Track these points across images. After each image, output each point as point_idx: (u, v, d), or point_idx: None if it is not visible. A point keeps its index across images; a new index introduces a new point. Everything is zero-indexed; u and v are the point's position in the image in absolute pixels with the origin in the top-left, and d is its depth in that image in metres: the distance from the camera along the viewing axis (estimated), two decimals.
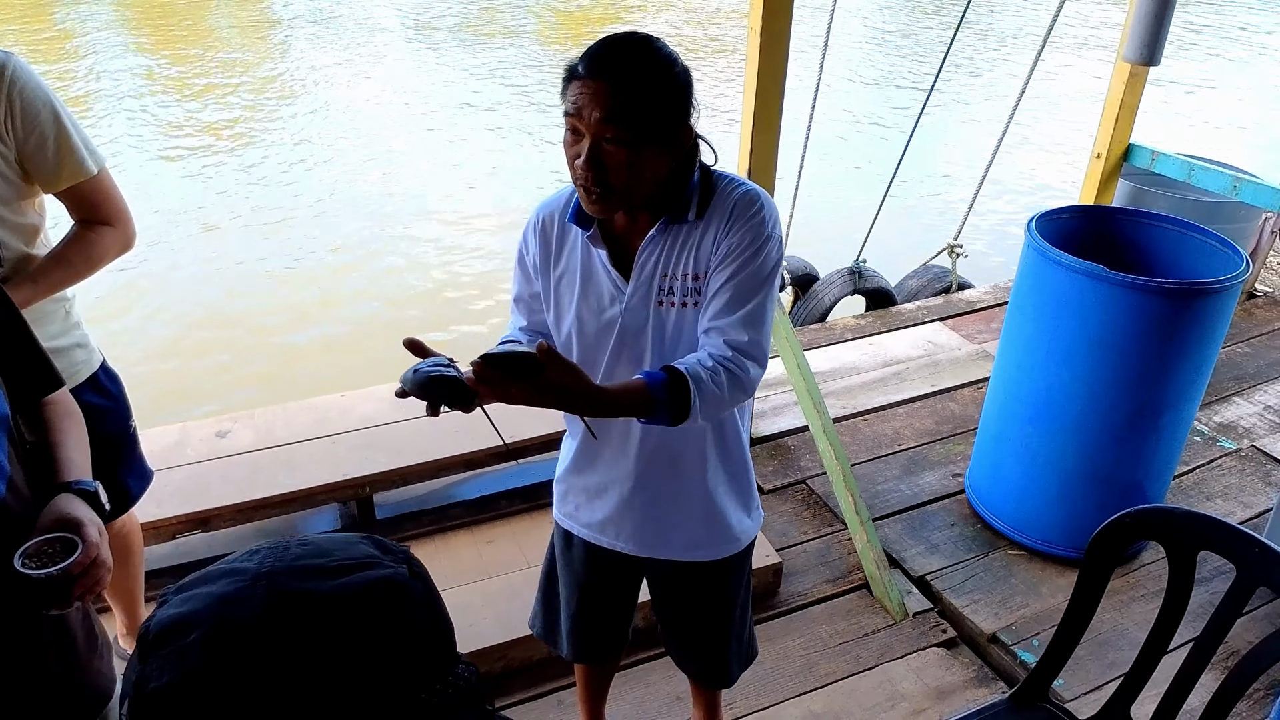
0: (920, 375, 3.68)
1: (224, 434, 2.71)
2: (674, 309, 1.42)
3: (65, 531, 1.10)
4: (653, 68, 1.28)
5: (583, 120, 1.27)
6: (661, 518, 1.60)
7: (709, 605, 1.74)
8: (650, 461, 1.54)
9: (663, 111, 1.29)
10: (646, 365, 1.45)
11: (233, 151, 7.58)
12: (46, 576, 1.05)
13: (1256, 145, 8.16)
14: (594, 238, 1.41)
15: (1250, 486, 3.09)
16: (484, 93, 9.27)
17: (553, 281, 1.49)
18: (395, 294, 5.56)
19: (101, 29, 11.23)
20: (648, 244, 1.41)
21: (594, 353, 1.47)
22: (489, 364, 1.14)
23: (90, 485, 1.18)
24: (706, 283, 1.40)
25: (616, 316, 1.44)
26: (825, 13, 4.02)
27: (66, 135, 1.64)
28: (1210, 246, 2.60)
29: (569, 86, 1.29)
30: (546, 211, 1.49)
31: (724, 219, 1.39)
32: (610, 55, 1.27)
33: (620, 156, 1.27)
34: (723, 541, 1.64)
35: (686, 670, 1.90)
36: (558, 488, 1.71)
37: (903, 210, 5.72)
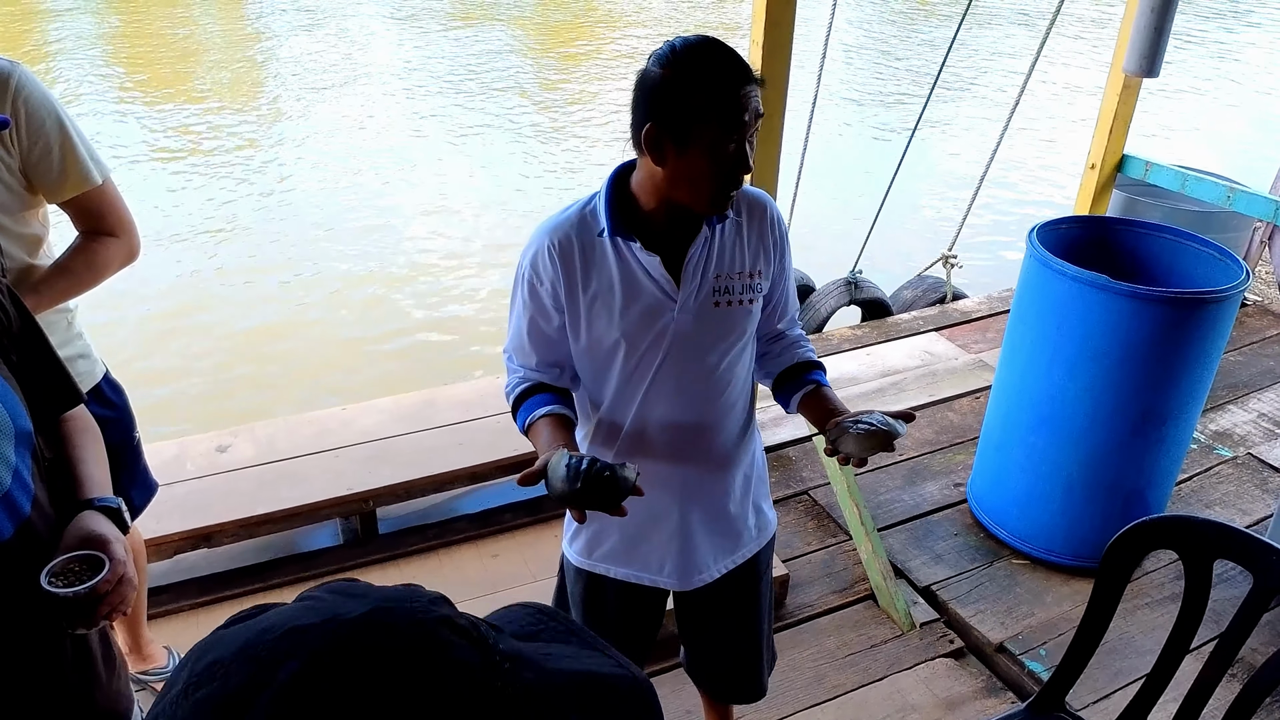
0: (918, 385, 3.69)
1: (224, 448, 2.68)
2: (732, 308, 1.45)
3: (91, 549, 1.08)
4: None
5: (750, 124, 1.30)
6: (710, 526, 1.59)
7: (742, 612, 1.73)
8: (690, 471, 1.54)
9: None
10: (706, 366, 1.47)
11: (224, 163, 7.54)
12: (74, 595, 1.03)
13: (1209, 146, 8.27)
14: (645, 246, 1.39)
15: (1248, 494, 3.11)
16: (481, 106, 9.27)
17: (584, 304, 1.42)
18: (396, 302, 5.53)
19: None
20: (700, 245, 1.41)
21: (644, 365, 1.44)
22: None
23: (114, 502, 1.17)
24: (763, 283, 1.48)
25: (669, 323, 1.42)
26: (823, 27, 4.05)
27: (72, 145, 1.62)
28: (1208, 256, 2.62)
29: (718, 100, 1.27)
30: (559, 234, 1.40)
31: (759, 220, 1.48)
32: (735, 57, 1.30)
33: (753, 149, 1.34)
34: (757, 534, 1.67)
35: (717, 691, 1.87)
36: (586, 531, 1.59)
37: (897, 222, 5.74)
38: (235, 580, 2.49)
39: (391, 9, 12.67)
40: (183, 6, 13.01)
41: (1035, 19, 12.65)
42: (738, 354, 1.50)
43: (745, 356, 1.53)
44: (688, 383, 1.46)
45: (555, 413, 1.43)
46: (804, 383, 1.56)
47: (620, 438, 1.50)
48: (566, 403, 1.47)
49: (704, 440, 1.52)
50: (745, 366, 1.54)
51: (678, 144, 1.29)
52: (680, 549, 1.57)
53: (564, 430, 1.41)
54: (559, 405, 1.45)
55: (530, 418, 1.44)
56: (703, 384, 1.48)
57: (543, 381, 1.48)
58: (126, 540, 1.15)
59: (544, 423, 1.42)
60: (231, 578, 2.50)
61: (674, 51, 1.29)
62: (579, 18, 13.49)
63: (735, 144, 1.30)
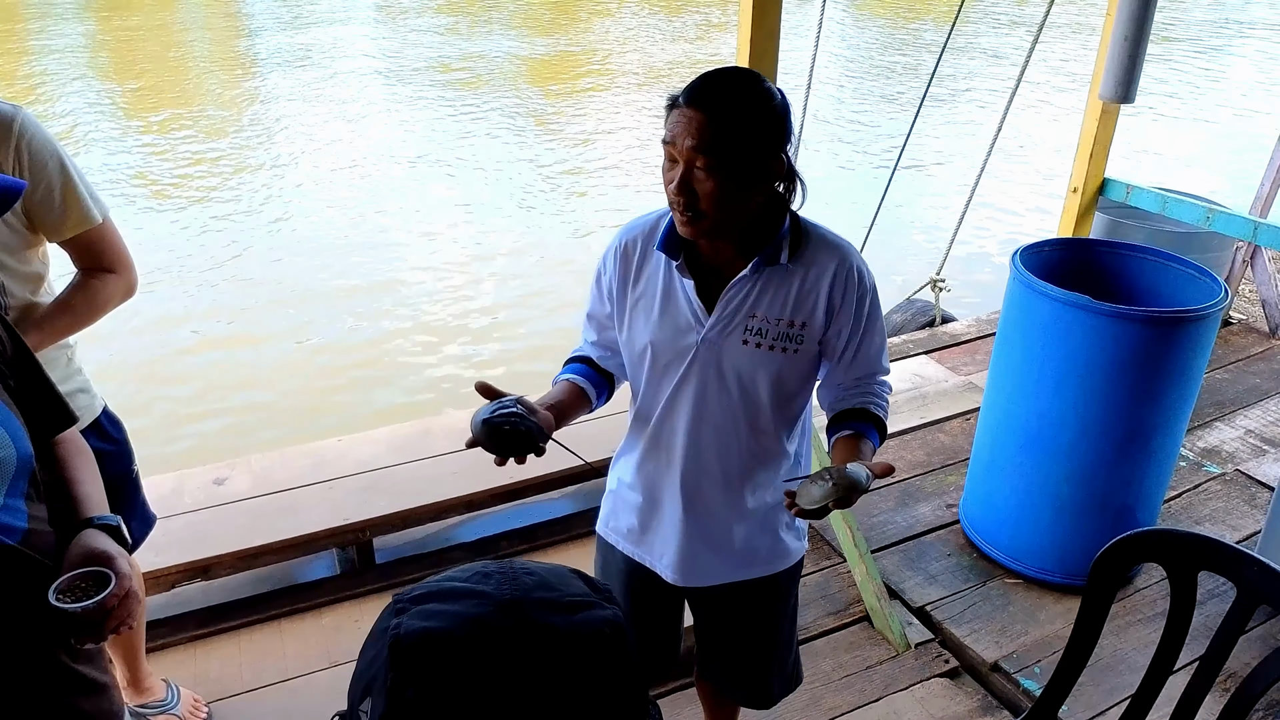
0: (909, 408, 3.72)
1: (221, 481, 2.70)
2: (761, 350, 1.45)
3: (95, 566, 1.11)
4: (748, 101, 1.32)
5: (677, 148, 1.32)
6: (709, 540, 1.61)
7: (753, 624, 1.74)
8: (696, 479, 1.57)
9: (753, 143, 1.32)
10: (729, 397, 1.49)
11: (210, 198, 7.60)
12: (83, 610, 1.06)
13: (1215, 166, 8.39)
14: (681, 268, 1.45)
15: (1237, 509, 3.14)
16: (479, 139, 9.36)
17: (629, 302, 1.52)
18: (391, 333, 5.57)
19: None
20: (738, 282, 1.43)
21: (666, 375, 1.51)
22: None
23: (113, 520, 1.20)
24: (810, 334, 1.45)
25: (693, 345, 1.47)
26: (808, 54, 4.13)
27: (73, 186, 1.66)
28: (1188, 275, 2.67)
29: (669, 115, 1.34)
30: (630, 235, 1.53)
31: (822, 271, 1.44)
32: (708, 88, 1.31)
33: (709, 184, 1.31)
34: (769, 558, 1.66)
35: (723, 687, 1.88)
36: (608, 499, 1.73)
37: (885, 246, 5.81)
38: (233, 612, 2.50)
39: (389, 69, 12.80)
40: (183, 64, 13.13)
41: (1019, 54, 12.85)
42: (767, 396, 1.49)
43: (778, 400, 1.50)
44: (709, 406, 1.50)
45: (573, 380, 1.57)
46: (845, 428, 1.52)
47: (645, 433, 1.58)
48: (595, 377, 1.59)
49: (717, 464, 1.55)
50: (776, 410, 1.52)
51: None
52: (678, 549, 1.62)
53: (567, 394, 1.53)
54: (583, 377, 1.58)
55: (558, 376, 1.59)
56: (724, 412, 1.50)
57: (589, 357, 1.62)
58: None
59: (560, 384, 1.56)
60: (229, 610, 2.51)
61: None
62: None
63: (668, 161, 1.35)
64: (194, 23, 14.23)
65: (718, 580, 1.65)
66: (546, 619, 0.62)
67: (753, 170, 1.34)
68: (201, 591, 2.54)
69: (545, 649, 0.60)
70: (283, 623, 2.48)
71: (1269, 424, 3.65)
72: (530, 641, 0.60)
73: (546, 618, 0.62)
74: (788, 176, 1.42)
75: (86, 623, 1.09)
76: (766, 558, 1.66)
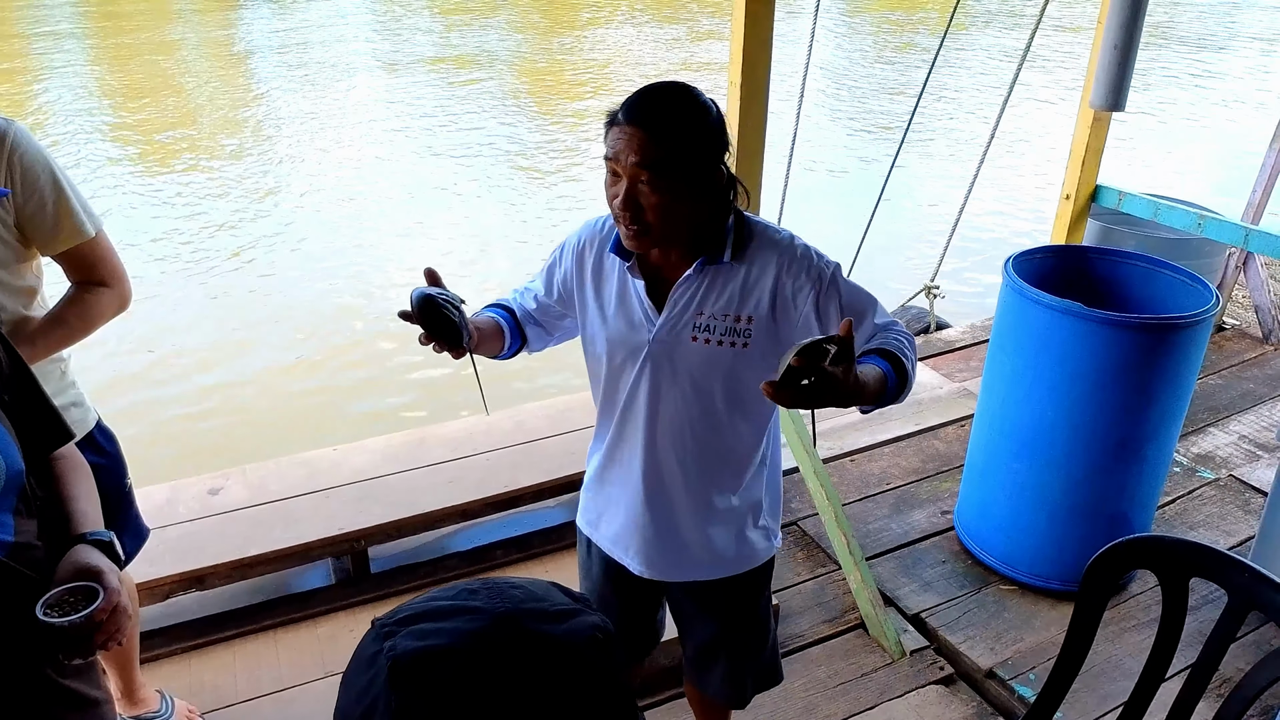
0: (904, 414, 3.73)
1: (216, 491, 2.70)
2: (710, 346, 1.48)
3: (84, 580, 1.11)
4: (686, 116, 1.35)
5: (620, 164, 1.34)
6: (671, 536, 1.63)
7: (723, 623, 1.77)
8: (657, 475, 1.59)
9: (694, 157, 1.35)
10: (682, 394, 1.52)
11: (202, 202, 7.60)
12: (70, 624, 1.06)
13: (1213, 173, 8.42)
14: (633, 269, 1.50)
15: (1231, 515, 3.15)
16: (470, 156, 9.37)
17: (586, 303, 1.58)
18: (382, 343, 5.56)
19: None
20: (684, 282, 1.48)
21: (623, 373, 1.55)
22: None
23: (105, 536, 1.20)
24: (772, 332, 1.46)
25: (644, 344, 1.51)
26: (801, 65, 4.14)
27: (65, 199, 1.66)
28: (1180, 282, 2.68)
29: (609, 132, 1.37)
30: (587, 236, 1.58)
31: (771, 273, 1.44)
32: (646, 104, 1.34)
33: (654, 198, 1.35)
34: (736, 559, 1.67)
35: (699, 683, 1.89)
36: (585, 494, 1.77)
37: (879, 253, 5.82)
38: (228, 622, 2.50)
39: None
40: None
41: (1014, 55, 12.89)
42: (721, 392, 1.51)
43: (733, 396, 1.53)
44: (664, 404, 1.54)
45: (494, 317, 1.61)
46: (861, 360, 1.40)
47: (610, 428, 1.62)
48: (513, 326, 1.63)
49: (675, 462, 1.58)
50: (732, 406, 1.54)
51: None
52: (642, 542, 1.65)
53: (487, 324, 1.57)
54: (503, 319, 1.61)
55: (479, 312, 1.62)
56: (680, 409, 1.54)
57: (511, 308, 1.66)
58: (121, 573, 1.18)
59: (483, 317, 1.60)
60: (224, 620, 2.51)
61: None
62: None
63: (611, 176, 1.38)
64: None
65: (684, 577, 1.69)
66: (541, 628, 0.63)
67: (694, 182, 1.37)
68: (196, 602, 2.53)
69: (544, 657, 0.62)
70: (277, 633, 2.48)
71: (1262, 429, 3.66)
72: (529, 650, 0.61)
73: (541, 627, 0.63)
74: (727, 185, 1.45)
75: (74, 637, 1.08)
76: (733, 559, 1.67)
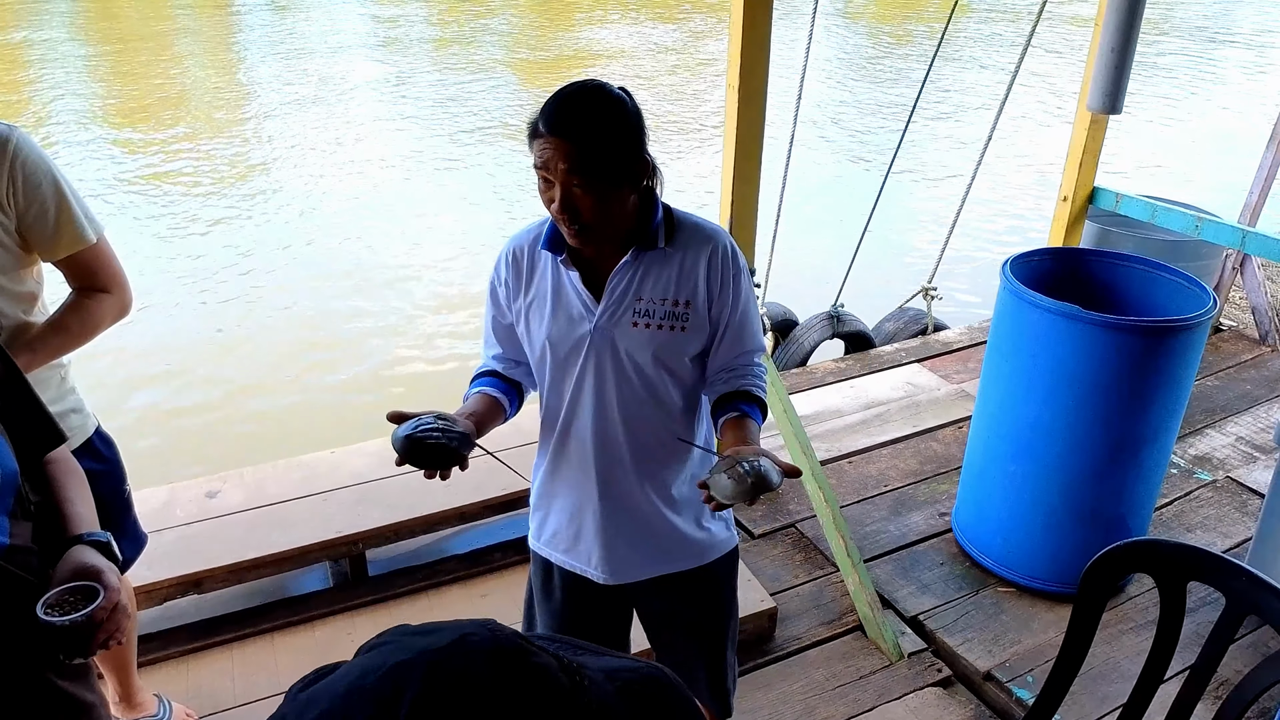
0: (901, 416, 3.73)
1: (213, 494, 2.70)
2: (650, 330, 1.52)
3: (83, 580, 1.12)
4: (606, 118, 1.39)
5: (550, 172, 1.38)
6: (631, 530, 1.64)
7: (693, 619, 1.76)
8: (609, 468, 1.60)
9: (619, 153, 1.40)
10: (628, 382, 1.54)
11: (204, 200, 7.59)
12: (70, 624, 1.07)
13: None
14: (566, 261, 1.52)
15: (1228, 517, 3.16)
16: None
17: (524, 307, 1.59)
18: (379, 347, 5.56)
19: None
20: (620, 270, 1.51)
21: (566, 369, 1.57)
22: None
23: (103, 536, 1.21)
24: (694, 314, 1.52)
25: (587, 334, 1.53)
26: (799, 68, 4.15)
27: (67, 205, 1.66)
28: (1177, 284, 2.69)
29: (534, 142, 1.40)
30: (517, 244, 1.60)
31: (698, 253, 1.52)
32: (565, 112, 1.37)
33: (589, 199, 1.40)
34: (696, 549, 1.68)
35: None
36: (535, 515, 1.75)
37: (878, 255, 5.83)
38: (225, 626, 2.50)
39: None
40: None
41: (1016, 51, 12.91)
42: (666, 375, 1.55)
43: (678, 379, 1.57)
44: (608, 394, 1.56)
45: (485, 391, 1.61)
46: (727, 410, 1.55)
47: (555, 432, 1.63)
48: (505, 387, 1.64)
49: (627, 452, 1.59)
50: (679, 389, 1.58)
51: None
52: (603, 546, 1.65)
53: (483, 405, 1.58)
54: (494, 388, 1.62)
55: (468, 393, 1.63)
56: (624, 399, 1.56)
57: (495, 370, 1.66)
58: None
59: (473, 398, 1.60)
60: (221, 623, 2.51)
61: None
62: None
63: (543, 183, 1.42)
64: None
65: (646, 574, 1.68)
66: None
67: (623, 177, 1.42)
68: (193, 605, 2.53)
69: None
70: (275, 636, 2.47)
71: (1259, 430, 3.67)
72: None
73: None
74: (652, 171, 1.50)
75: (75, 637, 1.09)
76: (693, 549, 1.68)
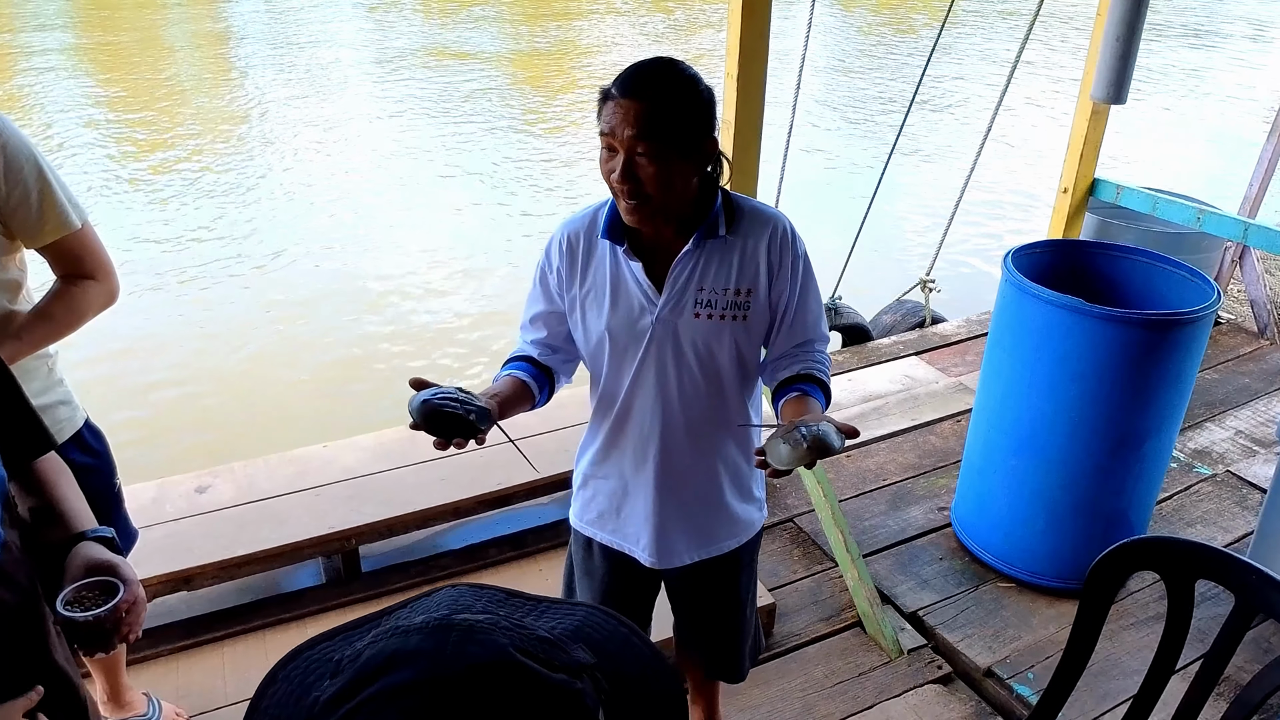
0: (900, 410, 3.71)
1: (204, 489, 2.66)
2: (713, 320, 1.51)
3: (99, 575, 1.11)
4: (678, 87, 1.39)
5: (617, 138, 1.37)
6: (685, 514, 1.67)
7: (722, 599, 1.82)
8: (669, 455, 1.61)
9: (688, 126, 1.39)
10: (688, 370, 1.54)
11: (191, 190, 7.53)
12: (95, 618, 1.06)
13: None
14: (628, 252, 1.50)
15: (1229, 511, 3.14)
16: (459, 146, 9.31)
17: (580, 296, 1.56)
18: (375, 341, 5.52)
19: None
20: (683, 258, 1.50)
21: (628, 359, 1.56)
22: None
23: (106, 532, 1.20)
24: (755, 301, 1.51)
25: (649, 326, 1.52)
26: (797, 57, 4.11)
27: (50, 190, 1.62)
28: (1180, 277, 2.66)
29: (604, 107, 1.40)
30: (572, 230, 1.57)
31: (757, 239, 1.51)
32: (640, 77, 1.38)
33: (651, 169, 1.38)
34: (734, 529, 1.73)
35: (701, 662, 1.97)
36: (581, 493, 1.76)
37: (875, 247, 5.80)
38: (216, 623, 2.46)
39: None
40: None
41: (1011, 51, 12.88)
42: (726, 363, 1.55)
43: (736, 367, 1.57)
44: (669, 383, 1.56)
45: (516, 375, 1.58)
46: (790, 391, 1.55)
47: (611, 417, 1.62)
48: (537, 373, 1.60)
49: (683, 439, 1.60)
50: (737, 376, 1.58)
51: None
52: (654, 530, 1.67)
53: (510, 389, 1.55)
54: (525, 372, 1.59)
55: (498, 375, 1.61)
56: (684, 387, 1.56)
57: (530, 355, 1.63)
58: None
59: (502, 380, 1.58)
60: (212, 620, 2.47)
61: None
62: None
63: (607, 151, 1.40)
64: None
65: (689, 559, 1.71)
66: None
67: (689, 152, 1.41)
68: (184, 602, 2.49)
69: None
70: (267, 633, 2.44)
71: (1259, 424, 3.65)
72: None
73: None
74: (718, 158, 1.50)
75: (97, 631, 1.08)
76: (737, 527, 1.73)
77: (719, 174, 1.53)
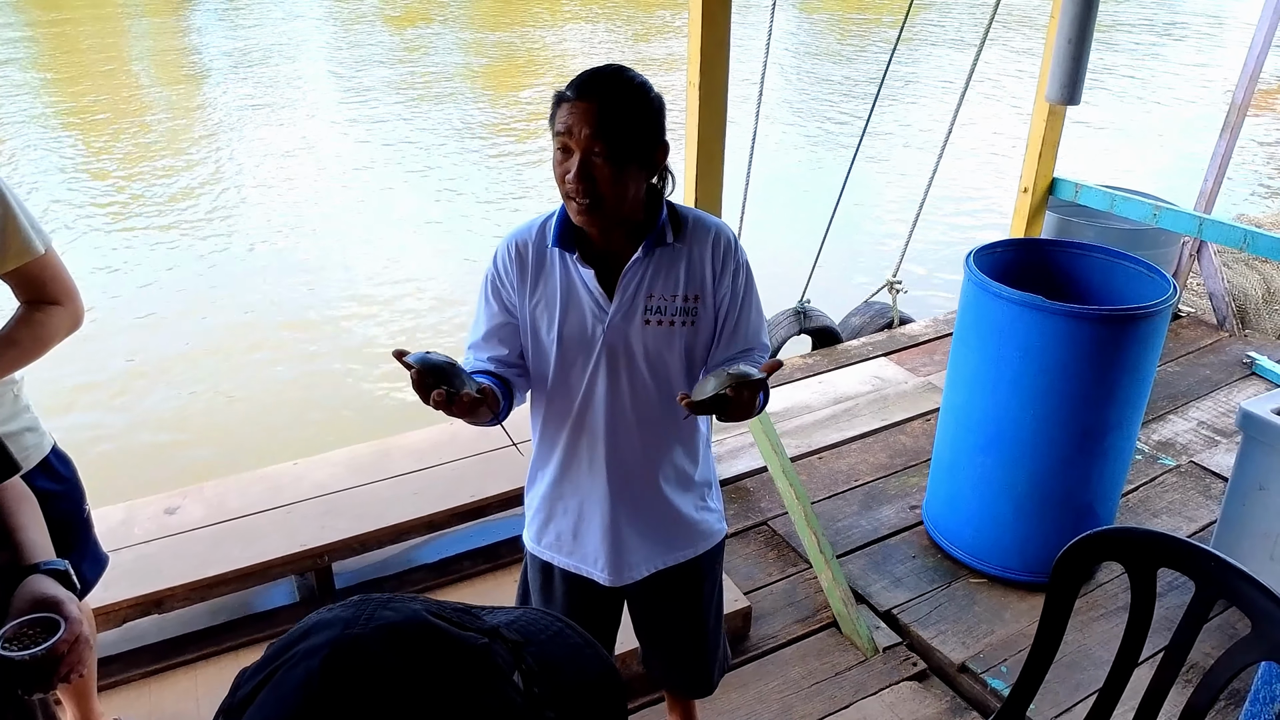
0: (870, 410, 3.74)
1: (173, 510, 2.63)
2: (663, 327, 1.53)
3: (43, 612, 1.08)
4: (631, 91, 1.43)
5: (573, 138, 1.39)
6: (640, 525, 1.66)
7: (685, 610, 1.81)
8: (622, 464, 1.61)
9: (640, 130, 1.43)
10: (639, 378, 1.55)
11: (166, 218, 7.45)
12: (31, 658, 1.04)
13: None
14: (580, 260, 1.51)
15: (1193, 501, 3.19)
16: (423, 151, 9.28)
17: (530, 306, 1.56)
18: (339, 357, 5.48)
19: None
20: (633, 265, 1.51)
21: (579, 369, 1.56)
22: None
23: (60, 565, 1.17)
24: (703, 308, 1.53)
25: (600, 333, 1.53)
26: (759, 62, 4.14)
27: (13, 216, 1.61)
28: (1137, 272, 2.71)
29: (558, 109, 1.42)
30: (519, 239, 1.57)
31: (703, 247, 1.54)
32: (594, 80, 1.42)
33: (606, 170, 1.40)
34: (692, 538, 1.73)
35: (669, 682, 1.97)
36: (535, 517, 1.74)
37: (842, 250, 5.85)
38: (189, 645, 2.44)
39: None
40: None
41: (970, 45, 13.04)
42: (676, 369, 1.57)
43: (686, 373, 1.59)
44: (621, 390, 1.56)
45: (483, 382, 1.54)
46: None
47: (564, 430, 1.62)
48: (500, 385, 1.56)
49: (636, 447, 1.61)
50: (687, 383, 1.59)
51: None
52: (611, 544, 1.66)
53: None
54: (488, 379, 1.55)
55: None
56: (636, 394, 1.57)
57: (488, 370, 1.60)
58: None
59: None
60: (185, 643, 2.44)
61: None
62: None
63: (561, 153, 1.42)
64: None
65: (648, 570, 1.71)
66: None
67: (642, 155, 1.44)
68: (155, 625, 2.46)
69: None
70: (240, 654, 2.42)
71: (1220, 415, 3.72)
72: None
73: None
74: (665, 168, 1.53)
75: (35, 671, 1.05)
76: (690, 538, 1.73)
77: (664, 185, 1.55)
